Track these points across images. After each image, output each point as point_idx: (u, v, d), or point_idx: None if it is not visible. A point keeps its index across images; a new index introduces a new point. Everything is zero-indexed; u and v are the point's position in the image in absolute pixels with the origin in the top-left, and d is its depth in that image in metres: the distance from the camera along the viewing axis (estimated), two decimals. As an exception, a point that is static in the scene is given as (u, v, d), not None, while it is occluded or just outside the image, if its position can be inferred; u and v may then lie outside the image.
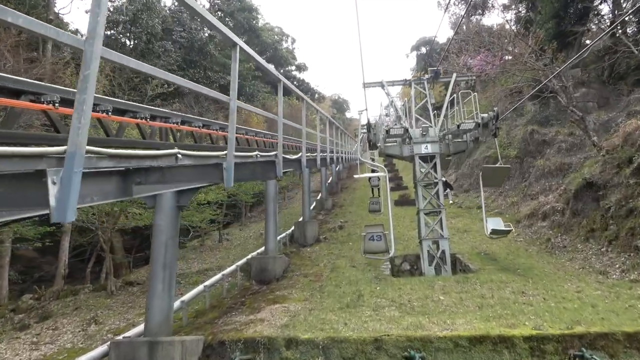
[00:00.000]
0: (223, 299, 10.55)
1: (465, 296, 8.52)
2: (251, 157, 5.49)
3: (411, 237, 16.68)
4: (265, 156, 6.04)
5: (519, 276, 10.11)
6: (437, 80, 13.98)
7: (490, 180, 13.01)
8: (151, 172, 4.20)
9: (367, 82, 14.22)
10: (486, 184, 13.13)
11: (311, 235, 18.08)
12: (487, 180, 12.80)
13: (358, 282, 10.72)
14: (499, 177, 12.68)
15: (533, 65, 18.91)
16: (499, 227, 11.71)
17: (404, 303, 8.34)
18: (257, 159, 5.57)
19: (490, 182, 13.33)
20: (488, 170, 12.74)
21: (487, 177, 12.56)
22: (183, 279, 14.41)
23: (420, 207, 12.58)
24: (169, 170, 4.31)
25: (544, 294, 8.44)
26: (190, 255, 19.13)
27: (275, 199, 13.23)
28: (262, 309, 8.71)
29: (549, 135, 22.38)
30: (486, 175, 12.52)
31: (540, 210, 16.36)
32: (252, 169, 6.45)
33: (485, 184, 12.88)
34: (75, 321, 10.95)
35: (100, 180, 3.72)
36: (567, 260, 12.00)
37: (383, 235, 10.98)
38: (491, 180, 12.92)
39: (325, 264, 13.74)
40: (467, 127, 11.90)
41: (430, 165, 12.79)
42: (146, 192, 4.48)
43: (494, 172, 12.42)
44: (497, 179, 12.89)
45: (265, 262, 12.30)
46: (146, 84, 16.74)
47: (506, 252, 13.51)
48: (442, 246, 12.23)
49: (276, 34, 53.31)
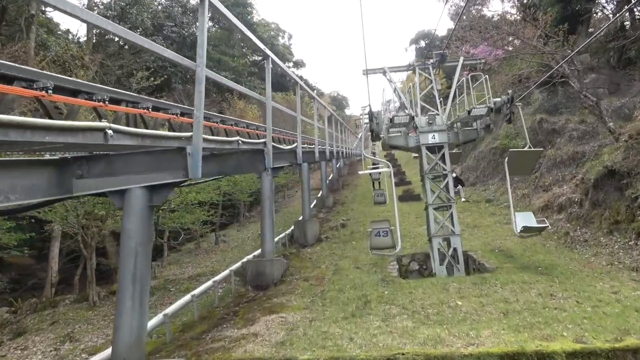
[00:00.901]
0: (215, 308, 9.56)
1: (486, 300, 7.51)
2: (230, 144, 4.46)
3: (418, 234, 15.69)
4: (250, 144, 5.02)
5: (543, 275, 9.08)
6: (444, 64, 12.93)
7: (518, 168, 11.03)
8: (94, 162, 3.22)
9: (368, 69, 13.21)
10: (513, 171, 11.11)
11: (312, 235, 17.10)
12: (514, 168, 10.82)
13: (363, 286, 9.73)
14: (528, 162, 10.77)
15: (543, 50, 17.86)
16: (531, 224, 9.94)
17: (417, 310, 7.33)
18: (239, 147, 4.55)
19: (518, 169, 11.24)
20: (515, 156, 10.70)
21: (513, 164, 10.61)
22: (174, 286, 13.42)
23: (428, 201, 11.57)
24: (117, 158, 3.31)
25: (576, 296, 7.43)
26: (185, 259, 18.14)
27: (272, 197, 12.21)
28: (256, 321, 7.72)
29: (559, 124, 21.34)
30: (513, 162, 10.57)
31: (555, 202, 15.33)
32: (237, 159, 5.47)
33: (512, 171, 10.93)
34: (48, 338, 9.95)
35: (21, 172, 2.71)
36: (591, 255, 10.97)
37: (389, 231, 10.54)
38: (518, 167, 10.96)
39: (328, 265, 12.74)
40: (479, 113, 10.87)
41: (439, 156, 11.78)
42: (92, 188, 3.51)
43: (521, 157, 10.55)
44: (526, 165, 10.93)
45: (261, 266, 11.29)
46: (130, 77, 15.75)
47: (522, 248, 12.48)
48: (453, 243, 11.23)
49: (272, 29, 52.21)
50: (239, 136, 5.34)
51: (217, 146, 4.23)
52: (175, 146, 3.40)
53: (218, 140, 4.27)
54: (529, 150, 10.54)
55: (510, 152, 10.98)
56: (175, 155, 3.34)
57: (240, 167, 5.54)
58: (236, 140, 4.67)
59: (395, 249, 10.63)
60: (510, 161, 10.59)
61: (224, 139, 4.42)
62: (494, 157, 24.38)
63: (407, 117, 10.88)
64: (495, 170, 23.72)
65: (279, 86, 39.87)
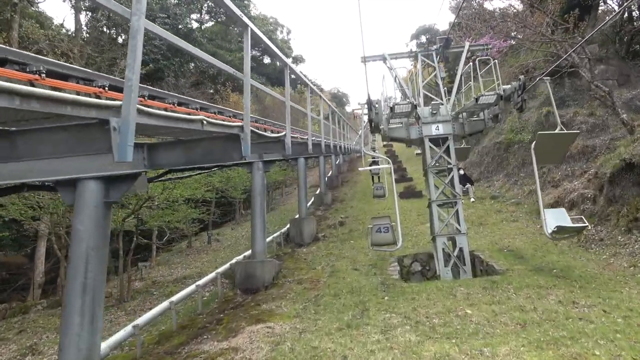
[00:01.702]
0: (198, 315, 8.70)
1: (499, 309, 6.63)
2: (189, 123, 3.58)
3: (420, 233, 14.82)
4: (221, 126, 4.14)
5: (560, 279, 8.20)
6: (448, 49, 12.03)
7: (547, 154, 8.84)
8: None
9: (367, 56, 12.32)
10: (542, 159, 9.06)
11: (308, 234, 16.24)
12: (543, 155, 8.73)
13: (361, 290, 8.86)
14: (559, 148, 8.72)
15: (551, 38, 16.94)
16: (566, 223, 8.14)
17: (421, 320, 6.46)
18: (203, 128, 3.67)
19: (547, 156, 9.06)
20: (545, 140, 8.52)
21: (542, 150, 8.56)
22: (158, 289, 12.56)
23: (432, 198, 10.70)
24: (20, 136, 2.40)
25: (601, 304, 6.55)
26: (175, 260, 17.28)
27: (263, 193, 11.34)
28: (240, 331, 6.85)
29: (567, 117, 20.43)
30: (541, 147, 8.50)
31: (566, 199, 14.43)
32: (209, 146, 4.58)
33: (540, 159, 8.79)
34: (10, 350, 9.04)
35: None
36: (609, 256, 10.10)
37: (390, 227, 10.25)
38: (548, 153, 8.78)
39: (324, 266, 11.88)
40: (488, 101, 9.96)
41: (443, 148, 10.89)
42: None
43: (552, 141, 8.46)
44: (557, 151, 8.84)
45: (251, 268, 10.43)
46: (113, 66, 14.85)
47: (533, 248, 11.61)
48: (459, 243, 10.36)
49: (270, 23, 51.26)
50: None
51: (167, 124, 3.34)
52: (93, 119, 2.51)
53: (169, 116, 3.36)
54: (562, 132, 8.44)
55: (539, 135, 8.68)
56: (97, 131, 2.47)
57: (212, 155, 4.67)
58: (199, 119, 3.78)
59: (396, 245, 10.21)
60: (538, 147, 8.47)
61: (178, 115, 3.51)
62: (498, 152, 23.51)
63: (409, 105, 9.97)
64: (500, 166, 22.85)
65: (278, 82, 38.96)
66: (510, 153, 22.04)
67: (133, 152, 4.15)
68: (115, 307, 11.50)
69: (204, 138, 4.76)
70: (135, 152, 4.65)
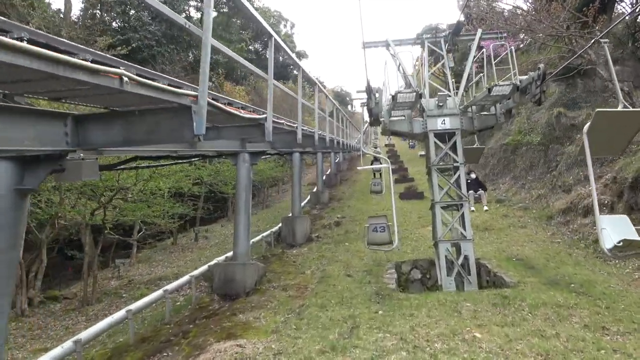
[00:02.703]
0: (165, 324, 7.62)
1: (514, 333, 5.54)
2: (96, 77, 2.48)
3: (421, 236, 13.75)
4: (155, 90, 3.05)
5: (581, 296, 7.12)
6: (458, 37, 10.92)
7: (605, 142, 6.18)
8: None
9: (368, 42, 11.25)
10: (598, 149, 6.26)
11: (301, 234, 15.18)
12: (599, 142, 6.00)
13: (353, 301, 7.79)
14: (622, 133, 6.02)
15: (568, 33, 15.83)
16: (632, 236, 5.39)
17: (421, 345, 5.38)
18: (123, 87, 2.59)
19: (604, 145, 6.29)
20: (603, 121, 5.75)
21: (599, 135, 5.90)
22: (128, 292, 11.48)
23: (435, 198, 9.60)
24: None
25: (637, 330, 5.47)
26: (158, 257, 16.21)
27: (249, 188, 10.27)
28: (205, 349, 5.79)
29: (579, 119, 19.32)
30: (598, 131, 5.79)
31: (580, 204, 13.34)
32: (153, 122, 3.53)
33: (596, 149, 6.07)
34: None
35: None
36: (633, 270, 9.01)
37: (387, 226, 10.07)
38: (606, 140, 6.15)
39: (314, 271, 10.83)
40: (502, 92, 8.87)
41: (449, 144, 9.80)
42: None
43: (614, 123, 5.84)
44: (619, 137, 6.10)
45: (231, 271, 9.37)
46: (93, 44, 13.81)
47: (545, 258, 10.53)
48: (464, 250, 9.28)
49: (274, 16, 50.11)
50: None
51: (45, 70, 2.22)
52: None
53: (53, 60, 2.21)
54: (627, 111, 5.85)
55: (597, 113, 5.72)
56: None
57: (158, 133, 3.60)
58: (121, 74, 2.69)
59: (393, 244, 9.90)
60: (593, 130, 5.72)
61: (74, 62, 2.35)
62: (505, 154, 22.44)
63: (414, 94, 8.86)
64: (507, 169, 21.78)
65: (280, 76, 37.80)
66: (517, 155, 20.95)
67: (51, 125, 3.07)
68: (76, 312, 10.40)
69: (148, 110, 3.69)
70: (55, 125, 3.58)
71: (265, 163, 25.90)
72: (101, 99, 3.52)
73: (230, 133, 6.13)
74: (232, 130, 6.10)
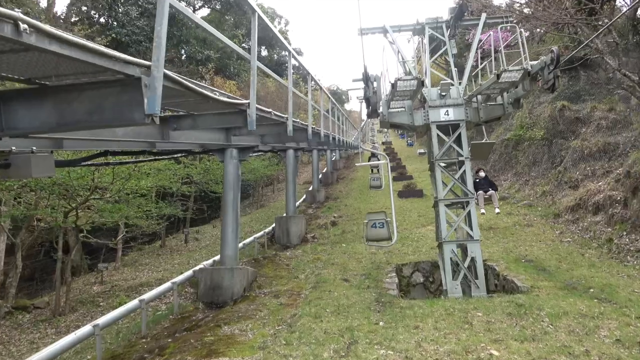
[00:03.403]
0: (140, 338, 6.83)
1: (537, 350, 4.79)
2: None
3: (422, 236, 13.01)
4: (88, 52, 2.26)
5: (604, 303, 6.39)
6: (461, 22, 10.16)
7: None
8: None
9: (365, 28, 10.51)
10: None
11: (296, 234, 14.44)
12: None
13: (350, 310, 7.03)
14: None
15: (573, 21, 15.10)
16: None
17: (429, 366, 4.61)
18: (22, 38, 1.79)
19: None
20: None
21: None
22: (106, 299, 10.65)
23: (439, 196, 8.84)
24: None
25: (679, 346, 4.73)
26: (145, 260, 15.38)
27: (237, 187, 9.49)
28: (180, 371, 5.00)
29: (584, 112, 18.66)
30: None
31: (590, 201, 12.62)
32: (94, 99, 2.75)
33: None
34: None
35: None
36: (655, 272, 8.29)
37: (386, 222, 9.97)
38: None
39: (308, 275, 10.07)
40: (511, 78, 8.11)
41: (453, 137, 9.04)
42: None
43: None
44: None
45: (218, 276, 8.57)
46: (68, 34, 13.06)
47: (556, 259, 9.81)
48: (471, 252, 8.53)
49: (267, 13, 49.24)
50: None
51: None
52: None
53: None
54: None
55: None
56: None
57: (102, 113, 2.81)
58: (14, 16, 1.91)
59: (391, 240, 9.90)
60: None
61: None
62: (506, 149, 21.71)
63: (415, 82, 8.09)
64: (508, 165, 21.06)
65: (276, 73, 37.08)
66: (519, 151, 20.25)
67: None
68: (46, 323, 9.54)
69: (89, 84, 2.89)
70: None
71: (259, 161, 25.11)
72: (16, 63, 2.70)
73: (208, 121, 5.35)
74: (210, 118, 5.32)
